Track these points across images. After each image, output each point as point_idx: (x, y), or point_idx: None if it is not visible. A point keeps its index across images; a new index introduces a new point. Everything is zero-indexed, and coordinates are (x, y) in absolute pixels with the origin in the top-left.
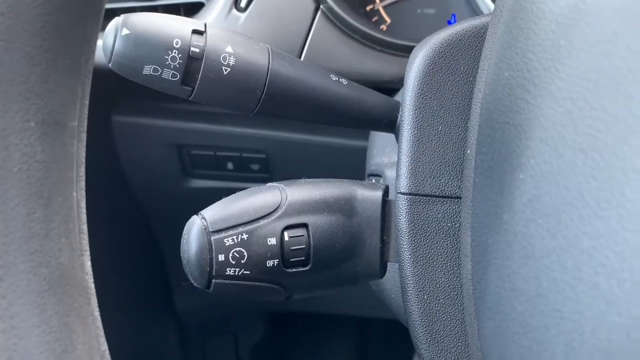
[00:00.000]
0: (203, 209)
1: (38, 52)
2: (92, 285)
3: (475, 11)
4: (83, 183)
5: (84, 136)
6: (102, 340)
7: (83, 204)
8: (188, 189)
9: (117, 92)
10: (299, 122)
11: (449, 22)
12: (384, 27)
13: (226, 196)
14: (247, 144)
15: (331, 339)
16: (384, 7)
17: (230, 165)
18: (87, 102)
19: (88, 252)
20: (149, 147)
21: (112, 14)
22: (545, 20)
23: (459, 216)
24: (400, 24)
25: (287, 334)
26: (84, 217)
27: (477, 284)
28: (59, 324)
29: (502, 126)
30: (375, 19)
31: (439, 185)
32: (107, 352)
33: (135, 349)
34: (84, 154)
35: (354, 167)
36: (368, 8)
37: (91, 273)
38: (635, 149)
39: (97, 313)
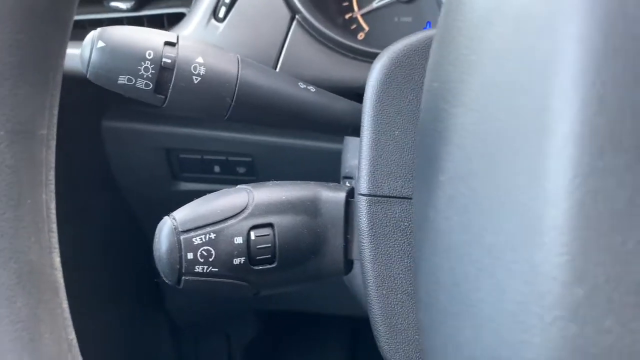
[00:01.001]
0: None
1: (6, 67)
2: (61, 280)
3: None
4: (52, 186)
5: (53, 143)
6: (70, 330)
7: (53, 205)
8: (176, 192)
9: (106, 98)
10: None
11: (425, 29)
12: (362, 34)
13: None
14: (233, 148)
15: (324, 338)
16: (362, 15)
17: (217, 169)
18: (55, 112)
19: (57, 250)
20: (138, 151)
21: (97, 24)
22: (461, 36)
23: None
24: (378, 32)
25: (280, 333)
26: (53, 217)
27: (415, 277)
28: (27, 314)
29: (430, 132)
30: (354, 27)
31: (396, 187)
32: (75, 340)
33: (127, 349)
34: (53, 160)
35: (335, 170)
36: (347, 16)
37: (60, 269)
38: (521, 156)
39: (65, 305)
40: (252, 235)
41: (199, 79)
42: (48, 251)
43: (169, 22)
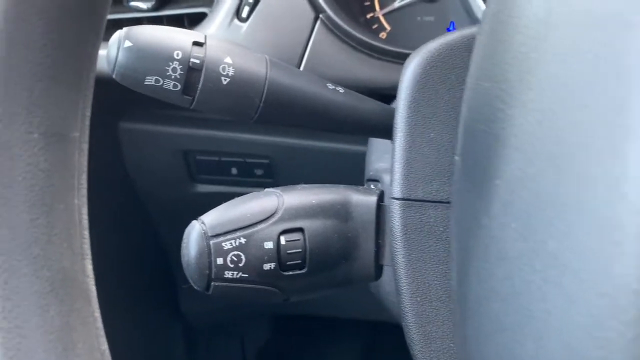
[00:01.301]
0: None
1: (41, 68)
2: (93, 288)
3: (473, 19)
4: (84, 190)
5: (85, 146)
6: (103, 339)
7: (84, 210)
8: (193, 194)
9: (124, 100)
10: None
11: (448, 30)
12: (383, 34)
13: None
14: (251, 150)
15: (338, 342)
16: (384, 15)
17: (234, 171)
18: (88, 113)
19: (89, 256)
20: (155, 153)
21: (117, 24)
22: (519, 34)
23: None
24: (400, 32)
25: (294, 337)
26: (85, 222)
27: (460, 285)
28: (60, 323)
29: (482, 134)
30: (375, 26)
31: (431, 190)
32: (107, 351)
33: (141, 351)
34: (85, 163)
35: (355, 172)
36: (368, 16)
37: (92, 276)
38: (595, 158)
39: (97, 314)
40: (283, 240)
41: (228, 79)
42: (80, 258)
43: (190, 22)
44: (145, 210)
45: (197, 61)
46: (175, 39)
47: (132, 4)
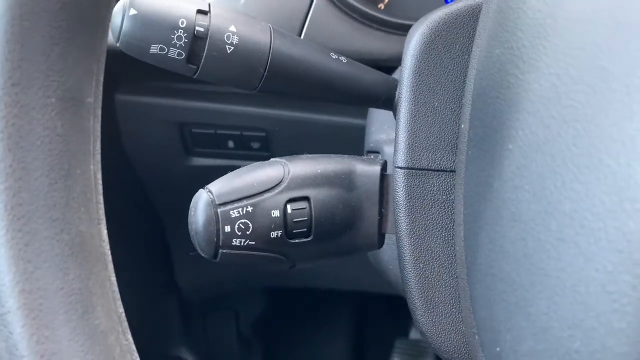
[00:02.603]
0: (203, 186)
1: (57, 32)
2: (109, 252)
3: None
4: (99, 156)
5: (99, 112)
6: (119, 303)
7: (99, 175)
8: (189, 167)
9: (120, 72)
10: (298, 101)
11: (447, 2)
12: (381, 5)
13: (226, 173)
14: (247, 123)
15: (331, 313)
16: None
17: (230, 144)
18: (101, 79)
19: (104, 221)
20: (151, 126)
21: None
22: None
23: (454, 188)
24: (399, 2)
25: (287, 309)
26: (100, 188)
27: (469, 249)
28: (80, 286)
29: (494, 101)
30: None
31: (435, 159)
32: (123, 314)
33: (136, 325)
34: (99, 129)
35: (352, 145)
36: None
37: (107, 241)
38: (612, 119)
39: (113, 278)
40: (289, 208)
41: (232, 48)
42: (97, 222)
43: None
44: (141, 183)
45: (202, 29)
46: (179, 7)
47: None
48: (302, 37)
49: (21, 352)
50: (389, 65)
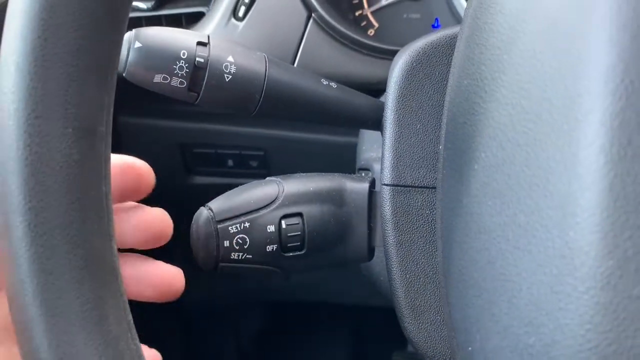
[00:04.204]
0: (204, 203)
1: (75, 70)
2: (119, 266)
3: (456, 16)
4: (110, 178)
5: (109, 138)
6: (128, 312)
7: (110, 196)
8: (190, 185)
9: (124, 96)
10: (294, 122)
11: (433, 26)
12: (372, 31)
13: (226, 191)
14: (246, 142)
15: (330, 327)
16: (372, 12)
17: (230, 163)
18: (112, 110)
19: (115, 238)
20: (153, 147)
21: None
22: (493, 37)
23: (436, 204)
24: (388, 28)
25: (287, 324)
26: (111, 207)
27: (445, 259)
28: (94, 296)
29: (462, 126)
30: (364, 23)
31: (418, 177)
32: (132, 321)
33: (139, 335)
34: (109, 154)
35: (346, 162)
36: (357, 13)
37: (117, 255)
38: (555, 144)
39: (123, 289)
40: (283, 224)
41: (230, 77)
42: (108, 239)
43: (187, 21)
44: (144, 201)
45: (202, 60)
46: (181, 39)
47: (133, 4)
48: (296, 62)
49: (42, 355)
50: (379, 88)
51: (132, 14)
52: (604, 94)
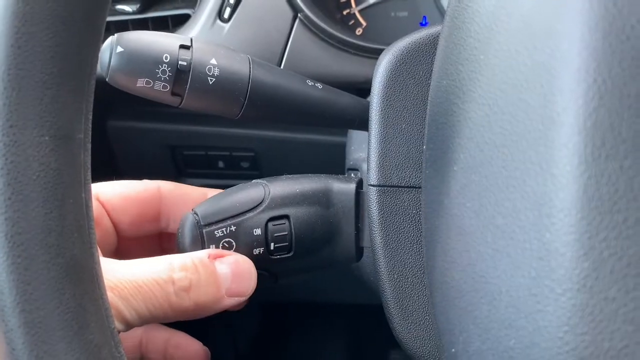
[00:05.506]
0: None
1: (49, 77)
2: (102, 273)
3: (443, 14)
4: (90, 185)
5: (89, 145)
6: (112, 319)
7: (91, 203)
8: None
9: (112, 99)
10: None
11: (421, 24)
12: (360, 30)
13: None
14: (236, 144)
15: (327, 327)
16: (360, 11)
17: (221, 164)
18: (90, 116)
19: (96, 245)
20: (143, 149)
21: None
22: (470, 37)
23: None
24: (376, 27)
25: (283, 324)
26: (92, 215)
27: (429, 260)
28: (74, 305)
29: (442, 126)
30: (351, 22)
31: (405, 177)
32: (116, 330)
33: None
34: (89, 161)
35: (338, 162)
36: (345, 12)
37: (100, 263)
38: (531, 145)
39: (106, 297)
40: (270, 226)
41: (214, 79)
42: (89, 246)
43: (174, 23)
44: None
45: (185, 63)
46: (163, 43)
47: (118, 7)
48: (283, 63)
49: None
50: (367, 87)
51: (118, 17)
52: (577, 94)
